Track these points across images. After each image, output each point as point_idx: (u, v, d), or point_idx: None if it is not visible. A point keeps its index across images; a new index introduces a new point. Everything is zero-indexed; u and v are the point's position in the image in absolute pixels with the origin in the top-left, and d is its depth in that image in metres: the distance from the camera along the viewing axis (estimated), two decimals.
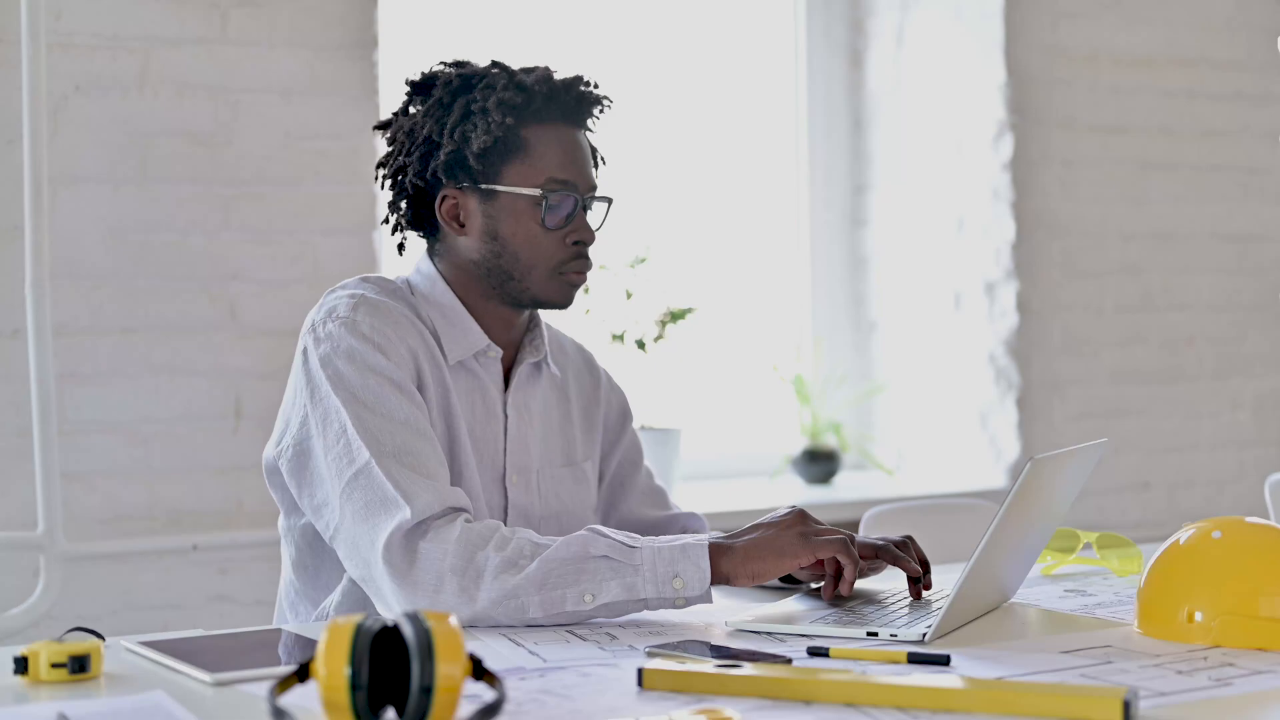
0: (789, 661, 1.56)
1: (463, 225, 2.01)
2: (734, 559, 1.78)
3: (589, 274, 2.04)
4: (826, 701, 1.39)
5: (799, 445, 3.85)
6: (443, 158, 1.98)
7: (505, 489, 2.04)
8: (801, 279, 4.08)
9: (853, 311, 4.10)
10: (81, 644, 1.55)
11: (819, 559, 1.79)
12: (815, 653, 1.61)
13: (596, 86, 2.03)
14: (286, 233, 3.08)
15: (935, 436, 3.97)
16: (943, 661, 1.56)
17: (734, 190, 4.03)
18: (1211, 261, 4.09)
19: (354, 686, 1.28)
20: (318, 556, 2.02)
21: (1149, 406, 4.01)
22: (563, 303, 2.03)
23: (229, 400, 3.04)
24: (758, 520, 1.84)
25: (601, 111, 2.05)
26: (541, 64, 2.03)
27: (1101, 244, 3.94)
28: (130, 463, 2.97)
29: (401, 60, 3.22)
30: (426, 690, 1.28)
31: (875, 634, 1.68)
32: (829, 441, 3.88)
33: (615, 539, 1.78)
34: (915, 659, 1.57)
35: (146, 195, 2.99)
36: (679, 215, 3.95)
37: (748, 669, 1.45)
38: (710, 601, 1.79)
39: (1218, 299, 4.10)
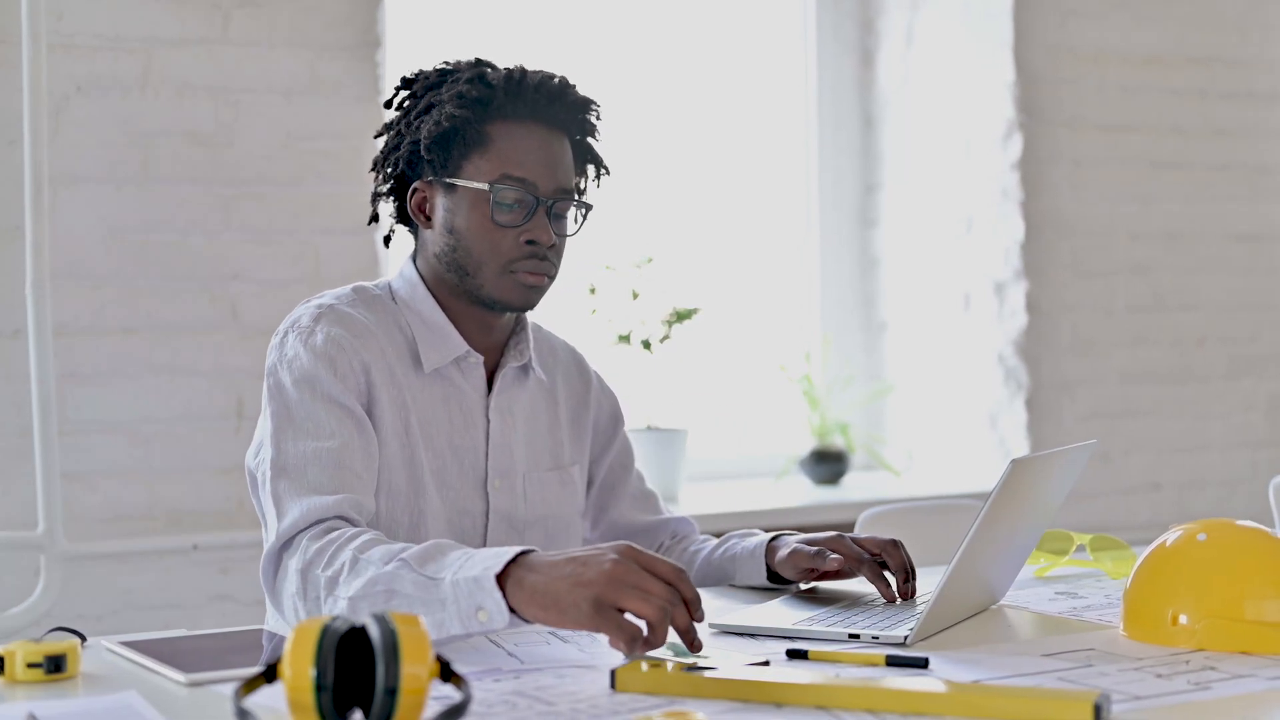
0: (766, 663, 1.55)
1: (429, 218, 2.01)
2: (520, 596, 1.57)
3: (549, 278, 1.99)
4: (797, 704, 1.38)
5: (808, 446, 3.83)
6: (404, 149, 1.99)
7: (487, 494, 2.03)
8: (811, 279, 4.07)
9: (863, 312, 4.08)
10: (58, 644, 1.55)
11: (603, 631, 1.53)
12: (794, 655, 1.60)
13: (573, 88, 2.00)
14: (287, 233, 3.09)
15: (944, 437, 3.95)
16: (921, 664, 1.55)
17: (744, 190, 4.02)
18: (1222, 261, 4.06)
19: (319, 688, 1.27)
20: None
21: (1159, 407, 3.99)
22: (520, 304, 1.99)
23: (230, 400, 3.04)
24: (582, 552, 1.58)
25: (595, 117, 2.03)
26: (519, 63, 2.01)
27: (1111, 244, 3.92)
28: (131, 463, 2.98)
29: (407, 61, 3.22)
30: (391, 691, 1.27)
31: (857, 636, 1.67)
32: (837, 442, 3.87)
33: (422, 574, 1.64)
34: (894, 662, 1.56)
35: (148, 195, 3.00)
36: (688, 215, 3.94)
37: (721, 671, 1.44)
38: (522, 623, 1.60)
39: (1229, 299, 4.07)
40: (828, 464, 3.81)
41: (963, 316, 3.89)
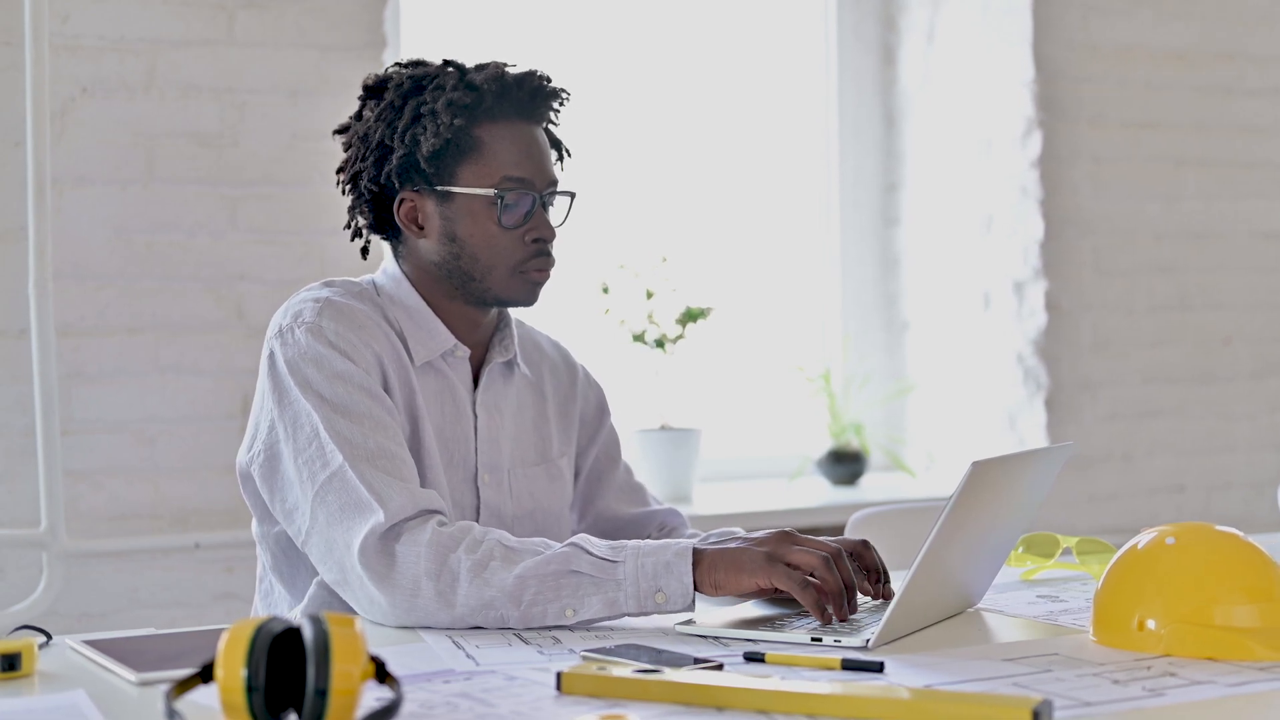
0: (719, 666, 1.53)
1: (421, 228, 2.01)
2: (700, 568, 1.76)
3: (551, 270, 2.02)
4: (738, 709, 1.36)
5: (825, 446, 3.81)
6: (395, 162, 1.98)
7: (477, 488, 2.04)
8: (832, 278, 4.04)
9: (884, 311, 4.05)
10: (12, 642, 1.55)
11: (775, 586, 1.73)
12: (751, 658, 1.58)
13: (550, 81, 2.02)
14: (292, 233, 3.09)
15: (963, 437, 3.92)
16: (876, 668, 1.53)
17: (764, 188, 4.00)
18: (1248, 260, 4.00)
19: (250, 688, 1.27)
20: (293, 565, 2.02)
21: (1183, 407, 3.93)
22: (527, 300, 2.02)
23: (235, 400, 3.05)
24: (747, 534, 1.82)
25: (560, 105, 2.04)
26: (493, 60, 2.01)
27: (1133, 242, 3.87)
28: (136, 462, 2.99)
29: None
30: (322, 692, 1.27)
31: (819, 640, 1.65)
32: (854, 443, 3.84)
33: (597, 555, 1.76)
34: (849, 665, 1.54)
35: (153, 196, 3.01)
36: (709, 214, 3.92)
37: (666, 674, 1.42)
38: (692, 609, 1.76)
39: (1255, 298, 4.01)
40: (845, 464, 3.79)
41: (982, 316, 3.86)
